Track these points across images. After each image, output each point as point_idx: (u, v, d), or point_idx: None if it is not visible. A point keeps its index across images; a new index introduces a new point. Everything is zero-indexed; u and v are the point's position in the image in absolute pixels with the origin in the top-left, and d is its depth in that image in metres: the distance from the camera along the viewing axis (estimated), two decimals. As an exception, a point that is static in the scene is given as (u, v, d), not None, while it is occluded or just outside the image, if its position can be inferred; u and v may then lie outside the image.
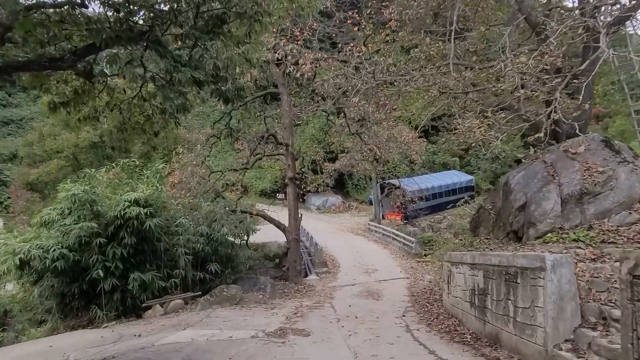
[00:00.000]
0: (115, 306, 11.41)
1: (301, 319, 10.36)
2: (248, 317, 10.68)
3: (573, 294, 5.35)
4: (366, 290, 14.90)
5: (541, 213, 7.17)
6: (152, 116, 9.23)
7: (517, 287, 6.17)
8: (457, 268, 9.20)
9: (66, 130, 23.16)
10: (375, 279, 16.87)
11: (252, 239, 23.47)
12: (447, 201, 36.80)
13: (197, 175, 13.12)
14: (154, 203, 12.15)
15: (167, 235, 12.60)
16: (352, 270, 18.77)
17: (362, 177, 41.50)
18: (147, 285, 11.56)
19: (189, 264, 12.78)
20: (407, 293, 14.09)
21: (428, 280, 16.29)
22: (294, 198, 16.17)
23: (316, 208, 40.45)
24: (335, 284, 16.40)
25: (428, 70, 9.67)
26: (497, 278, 6.88)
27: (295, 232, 15.97)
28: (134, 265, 11.65)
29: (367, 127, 22.00)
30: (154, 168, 12.69)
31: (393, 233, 24.49)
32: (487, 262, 7.28)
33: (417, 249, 21.01)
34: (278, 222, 16.18)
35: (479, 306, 7.73)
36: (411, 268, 18.83)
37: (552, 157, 8.09)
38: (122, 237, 11.38)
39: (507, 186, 8.82)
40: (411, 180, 34.33)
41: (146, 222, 11.41)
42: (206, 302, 12.00)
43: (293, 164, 16.02)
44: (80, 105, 8.71)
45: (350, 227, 32.37)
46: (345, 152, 33.86)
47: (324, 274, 18.20)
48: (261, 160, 15.56)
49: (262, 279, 14.07)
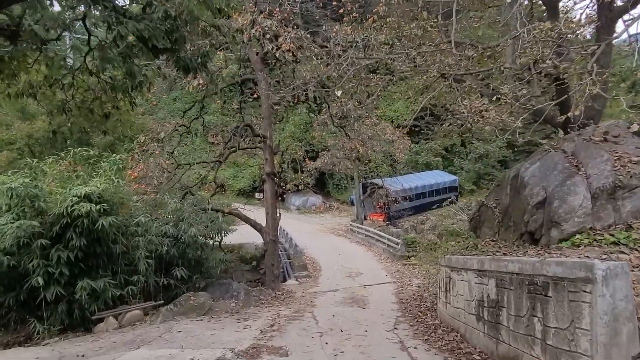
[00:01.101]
0: (60, 319, 9.75)
1: (278, 334, 8.96)
2: (216, 331, 9.21)
3: (630, 314, 4.16)
4: (350, 296, 13.60)
5: (567, 210, 6.00)
6: (101, 94, 7.70)
7: (547, 301, 4.95)
8: (459, 274, 7.98)
9: (20, 120, 20.98)
10: (360, 283, 15.61)
11: (228, 240, 21.88)
12: (430, 202, 35.99)
13: (161, 168, 11.55)
14: (109, 199, 10.54)
15: (126, 236, 11.00)
16: (335, 274, 17.46)
17: (344, 176, 40.34)
18: (99, 294, 9.94)
19: (151, 268, 11.21)
20: (396, 300, 12.86)
21: (416, 285, 15.12)
22: (271, 195, 14.74)
23: (296, 208, 39.02)
24: (317, 289, 15.05)
25: (426, 48, 8.41)
26: (516, 289, 5.65)
27: (273, 233, 14.55)
28: (83, 271, 10.01)
29: (350, 123, 20.77)
30: (110, 159, 11.06)
31: (377, 234, 23.31)
32: (502, 269, 6.06)
33: (403, 251, 19.85)
34: (254, 221, 14.73)
35: (490, 321, 6.51)
36: (397, 271, 17.65)
37: (572, 146, 6.95)
38: (70, 239, 9.75)
39: (517, 180, 7.65)
40: (394, 179, 33.26)
41: (99, 221, 9.81)
42: (169, 312, 10.46)
43: (271, 158, 14.59)
44: (10, 78, 7.11)
45: (331, 227, 31.07)
46: (326, 150, 32.59)
47: (304, 278, 16.83)
48: (236, 153, 14.05)
49: (235, 285, 12.59)
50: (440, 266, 9.82)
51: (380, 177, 33.13)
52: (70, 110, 8.01)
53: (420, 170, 41.13)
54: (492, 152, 42.90)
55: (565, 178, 6.38)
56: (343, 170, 31.40)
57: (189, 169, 13.09)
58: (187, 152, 20.52)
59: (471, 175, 42.54)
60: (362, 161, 32.13)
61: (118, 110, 8.22)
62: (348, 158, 30.26)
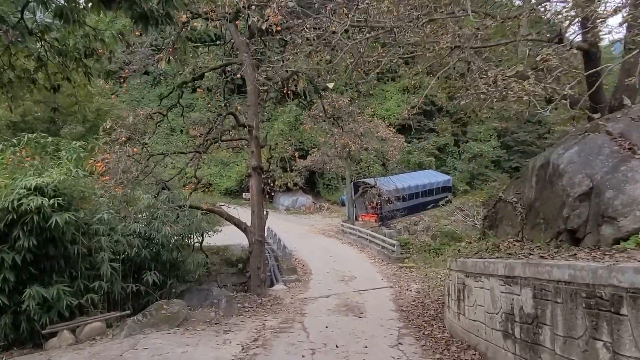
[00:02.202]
0: (4, 333, 8.24)
1: (262, 351, 7.60)
2: (190, 348, 7.81)
3: None
4: (345, 303, 12.29)
5: (625, 202, 4.78)
6: (45, 60, 6.29)
7: (619, 322, 3.69)
8: (478, 281, 6.73)
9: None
10: (354, 288, 14.31)
11: (212, 240, 20.38)
12: (424, 202, 34.90)
13: (131, 159, 10.06)
14: (67, 192, 9.08)
15: (88, 235, 9.52)
16: (326, 277, 16.14)
17: (334, 176, 39.09)
18: (52, 303, 8.46)
19: (117, 273, 9.75)
20: (395, 307, 11.59)
21: (415, 290, 13.88)
22: (257, 192, 13.36)
23: (285, 208, 37.61)
24: (307, 294, 13.72)
25: (438, 15, 7.15)
26: (566, 302, 4.41)
27: (259, 233, 13.17)
28: (33, 276, 8.51)
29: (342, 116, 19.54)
30: (69, 147, 9.60)
31: (370, 235, 22.04)
32: (543, 277, 4.82)
33: (399, 253, 18.61)
34: (238, 220, 13.33)
35: (524, 340, 5.26)
36: (394, 275, 16.38)
37: (619, 126, 5.75)
38: (17, 238, 8.26)
39: (547, 169, 6.42)
40: (387, 179, 32.04)
41: (52, 218, 8.34)
42: (136, 324, 9.01)
43: (258, 150, 13.22)
44: None
45: (321, 228, 29.74)
46: (317, 148, 31.26)
47: (293, 283, 15.47)
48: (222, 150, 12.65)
49: (215, 291, 11.17)
50: (450, 270, 8.57)
51: (372, 176, 31.93)
52: (11, 82, 6.58)
53: (413, 170, 40.06)
54: (486, 152, 42.05)
55: (617, 163, 5.18)
56: (334, 168, 30.07)
57: (164, 160, 11.62)
58: (165, 142, 18.93)
59: (465, 175, 41.61)
60: (354, 160, 30.91)
61: (70, 83, 6.80)
62: (340, 156, 29.00)
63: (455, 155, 44.64)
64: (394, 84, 49.73)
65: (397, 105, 47.25)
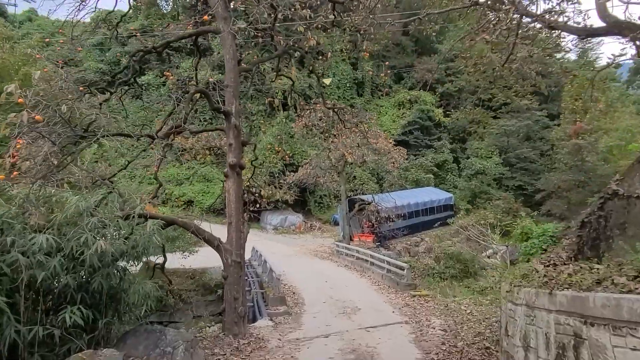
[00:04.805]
0: None
1: None
2: None
3: None
4: (351, 347, 9.10)
5: None
6: None
7: None
8: (592, 330, 3.64)
9: None
10: (360, 324, 11.07)
11: (189, 263, 17.06)
12: (424, 221, 31.99)
13: (38, 136, 6.81)
14: None
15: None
16: (323, 309, 12.85)
17: (326, 194, 36.01)
18: None
19: (14, 310, 6.41)
20: (422, 355, 8.43)
21: (440, 327, 10.72)
22: (236, 198, 10.19)
23: (273, 228, 34.22)
24: (299, 334, 10.45)
25: None
26: None
27: (236, 252, 9.93)
28: None
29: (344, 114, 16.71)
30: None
31: (372, 256, 18.84)
32: None
33: (410, 279, 15.43)
34: (209, 234, 10.09)
35: None
36: (406, 306, 13.15)
37: None
38: None
39: None
40: (386, 195, 28.99)
41: None
42: (31, 395, 5.65)
43: (237, 143, 10.12)
44: None
45: (314, 249, 26.41)
46: (309, 160, 28.22)
47: (281, 317, 12.13)
48: (181, 133, 9.51)
49: (170, 335, 7.80)
50: (512, 303, 5.47)
51: (369, 193, 28.95)
52: None
53: (409, 187, 37.15)
54: (488, 168, 39.52)
55: None
56: (328, 182, 26.97)
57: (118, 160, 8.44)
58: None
59: (466, 194, 38.86)
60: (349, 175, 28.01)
61: None
62: (335, 169, 25.99)
63: (455, 172, 42.06)
64: (388, 99, 47.59)
65: (392, 120, 44.91)
